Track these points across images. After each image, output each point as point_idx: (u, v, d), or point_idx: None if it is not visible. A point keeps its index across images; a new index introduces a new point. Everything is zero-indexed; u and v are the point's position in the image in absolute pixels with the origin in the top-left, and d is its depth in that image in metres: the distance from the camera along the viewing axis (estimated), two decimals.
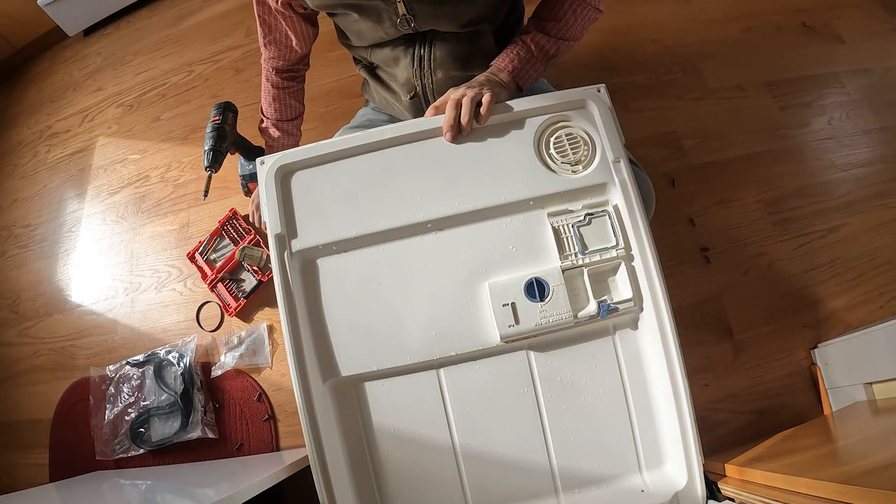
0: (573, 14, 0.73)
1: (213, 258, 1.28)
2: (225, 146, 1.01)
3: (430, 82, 0.80)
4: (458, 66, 0.78)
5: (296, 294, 0.65)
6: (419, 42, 0.77)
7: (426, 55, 0.77)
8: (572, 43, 0.76)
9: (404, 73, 0.80)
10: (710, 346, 1.06)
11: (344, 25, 0.79)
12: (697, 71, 1.36)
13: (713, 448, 0.93)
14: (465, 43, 0.77)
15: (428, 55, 0.77)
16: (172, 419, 1.11)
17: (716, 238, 1.15)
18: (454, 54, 0.77)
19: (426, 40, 0.77)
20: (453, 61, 0.77)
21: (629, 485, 0.65)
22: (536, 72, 0.75)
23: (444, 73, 0.78)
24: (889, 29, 1.45)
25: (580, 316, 0.63)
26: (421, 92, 0.81)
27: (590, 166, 0.67)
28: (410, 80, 0.80)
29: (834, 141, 1.28)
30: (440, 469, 0.66)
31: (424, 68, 0.78)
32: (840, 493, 0.50)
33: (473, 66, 0.76)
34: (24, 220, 1.54)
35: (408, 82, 0.80)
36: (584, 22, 0.74)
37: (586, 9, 0.73)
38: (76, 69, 1.77)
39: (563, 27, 0.74)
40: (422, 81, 0.80)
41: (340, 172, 0.69)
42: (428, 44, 0.77)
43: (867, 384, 0.90)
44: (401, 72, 0.80)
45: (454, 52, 0.77)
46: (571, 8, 0.73)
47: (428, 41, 0.77)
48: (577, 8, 0.73)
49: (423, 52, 0.77)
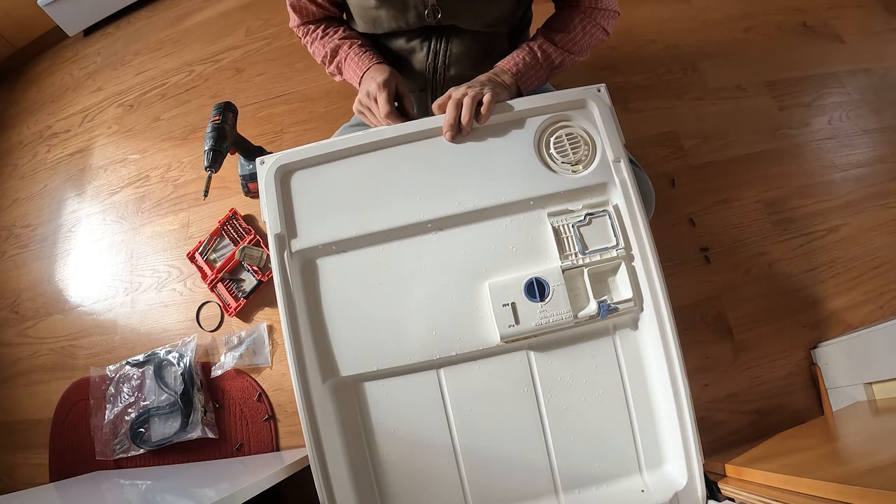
0: (582, 29, 0.75)
1: (213, 258, 1.28)
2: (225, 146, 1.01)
3: (441, 78, 0.80)
4: (472, 64, 0.78)
5: (296, 294, 0.65)
6: (436, 36, 0.77)
7: (441, 49, 0.77)
8: (576, 57, 0.77)
9: (418, 65, 0.80)
10: (710, 346, 1.06)
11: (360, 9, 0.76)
12: (697, 71, 1.36)
13: (713, 448, 0.93)
14: (482, 42, 0.77)
15: (444, 50, 0.77)
16: (172, 419, 1.11)
17: (716, 238, 1.15)
18: (470, 53, 0.77)
19: (443, 35, 0.77)
20: (468, 59, 0.78)
21: (629, 485, 0.65)
22: (539, 79, 0.76)
23: (457, 70, 0.79)
24: (889, 29, 1.45)
25: (580, 316, 0.63)
26: (430, 87, 0.81)
27: (590, 166, 0.67)
28: (423, 74, 0.80)
29: (834, 141, 1.28)
30: (440, 469, 0.66)
31: (439, 63, 0.79)
32: (840, 493, 0.50)
33: (486, 67, 0.76)
34: (24, 220, 1.54)
35: (420, 76, 0.80)
36: (591, 39, 0.76)
37: (595, 28, 0.76)
38: (76, 69, 1.77)
39: (570, 40, 0.75)
40: (434, 76, 0.80)
41: (340, 172, 0.69)
42: (445, 39, 0.77)
43: (867, 384, 0.90)
44: (415, 63, 0.80)
45: (470, 50, 0.77)
46: (581, 24, 0.75)
47: (445, 36, 0.77)
48: (586, 25, 0.75)
49: (440, 47, 0.77)
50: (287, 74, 1.49)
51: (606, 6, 0.75)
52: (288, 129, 1.41)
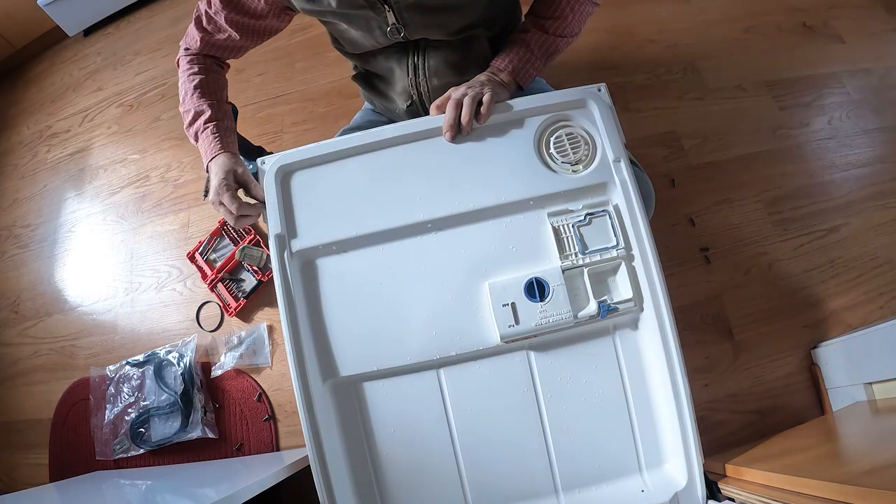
0: (571, 10, 0.72)
1: (213, 258, 1.28)
2: None
3: (426, 90, 0.80)
4: (453, 72, 0.78)
5: (296, 294, 0.65)
6: (412, 51, 0.77)
7: (420, 64, 0.77)
8: (571, 39, 0.76)
9: (400, 82, 0.80)
10: (710, 346, 1.06)
11: (336, 33, 0.78)
12: (697, 71, 1.36)
13: (713, 448, 0.93)
14: (459, 50, 0.76)
15: (422, 64, 0.77)
16: (172, 419, 1.11)
17: (716, 238, 1.15)
18: (448, 62, 0.77)
19: (419, 49, 0.77)
20: (448, 68, 0.77)
21: (629, 485, 0.65)
22: (536, 69, 0.75)
23: (439, 80, 0.78)
24: (889, 29, 1.45)
25: (580, 316, 0.63)
26: (418, 100, 0.81)
27: (590, 166, 0.67)
28: (407, 90, 0.80)
29: (834, 141, 1.28)
30: (440, 469, 0.66)
31: (420, 77, 0.78)
32: (840, 493, 0.50)
33: (469, 72, 0.75)
34: (24, 220, 1.55)
35: (404, 91, 0.80)
36: (582, 17, 0.74)
37: (583, 3, 0.72)
38: (76, 69, 1.77)
39: (561, 24, 0.73)
40: (418, 90, 0.80)
41: (340, 172, 0.69)
42: (421, 52, 0.77)
43: (867, 384, 0.90)
44: (397, 81, 0.80)
45: (448, 59, 0.77)
46: (570, 5, 0.72)
47: (421, 49, 0.77)
48: (574, 4, 0.72)
49: (417, 61, 0.77)
50: (287, 74, 1.49)
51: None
52: (288, 129, 1.41)
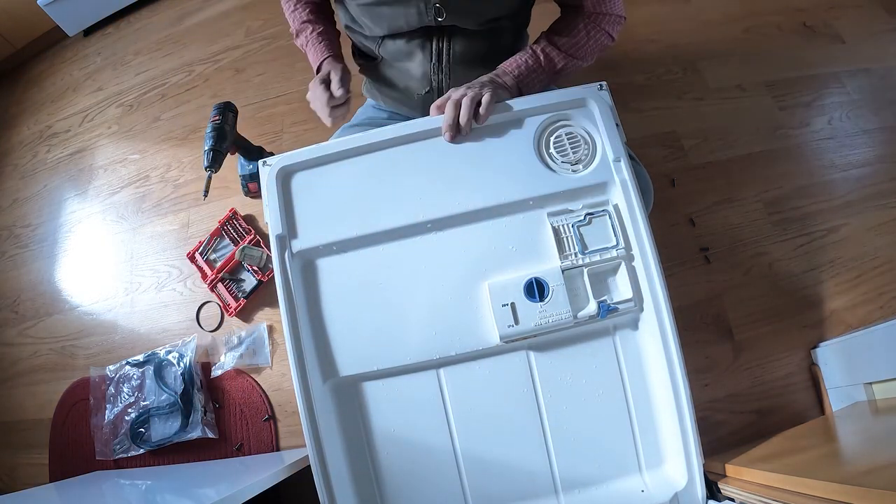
0: (586, 35, 0.74)
1: (213, 258, 1.28)
2: (225, 146, 1.02)
3: (447, 77, 0.80)
4: (478, 62, 0.78)
5: (296, 294, 0.65)
6: (436, 37, 0.76)
7: (444, 50, 0.77)
8: (580, 63, 0.76)
9: (420, 68, 0.79)
10: (710, 346, 1.06)
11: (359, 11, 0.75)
12: (697, 71, 1.36)
13: (713, 448, 0.93)
14: (485, 40, 0.77)
15: (447, 50, 0.77)
16: (172, 419, 1.11)
17: (716, 238, 1.15)
18: (473, 51, 0.77)
19: (444, 35, 0.76)
20: (473, 58, 0.78)
21: (629, 485, 0.65)
22: (541, 82, 0.75)
23: (462, 69, 0.79)
24: (889, 29, 1.45)
25: (580, 316, 0.63)
26: (437, 87, 0.81)
27: (590, 165, 0.67)
28: (428, 75, 0.80)
29: (834, 141, 1.28)
30: (440, 469, 0.66)
31: (443, 63, 0.78)
32: (840, 493, 0.50)
33: (491, 63, 0.75)
34: (24, 220, 1.54)
35: (425, 77, 0.80)
36: (595, 45, 0.75)
37: (600, 33, 0.74)
38: (76, 69, 1.77)
39: (574, 45, 0.74)
40: (439, 76, 0.80)
41: (341, 173, 0.69)
42: (447, 39, 0.76)
43: (867, 384, 0.90)
44: (416, 67, 0.80)
45: (473, 48, 0.77)
46: (586, 28, 0.74)
47: (446, 36, 0.76)
48: (591, 30, 0.74)
49: (442, 47, 0.77)
50: (287, 74, 1.49)
51: (611, 10, 0.74)
52: (288, 129, 1.41)
